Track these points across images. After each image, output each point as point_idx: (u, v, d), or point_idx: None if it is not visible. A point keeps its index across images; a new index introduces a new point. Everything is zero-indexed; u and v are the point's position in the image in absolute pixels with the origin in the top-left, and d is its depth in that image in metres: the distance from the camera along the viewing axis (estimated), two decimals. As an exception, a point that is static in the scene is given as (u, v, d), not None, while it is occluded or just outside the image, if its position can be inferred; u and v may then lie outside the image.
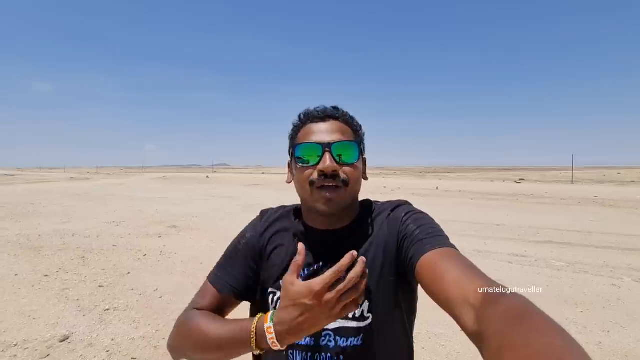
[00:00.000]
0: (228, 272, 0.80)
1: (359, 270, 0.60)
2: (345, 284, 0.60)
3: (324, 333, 0.72)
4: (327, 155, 0.71)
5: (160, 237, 6.71)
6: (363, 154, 0.80)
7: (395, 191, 17.55)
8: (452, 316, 0.53)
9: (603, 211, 10.38)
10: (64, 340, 2.79)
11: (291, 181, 0.81)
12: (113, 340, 2.82)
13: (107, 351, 2.66)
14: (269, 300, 0.77)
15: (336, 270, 0.61)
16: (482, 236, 6.84)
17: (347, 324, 0.71)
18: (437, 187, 21.07)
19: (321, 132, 0.74)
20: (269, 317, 0.63)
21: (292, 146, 0.78)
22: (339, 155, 0.72)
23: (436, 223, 0.73)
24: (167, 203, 12.56)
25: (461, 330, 0.51)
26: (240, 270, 0.80)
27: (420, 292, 0.78)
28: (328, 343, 0.71)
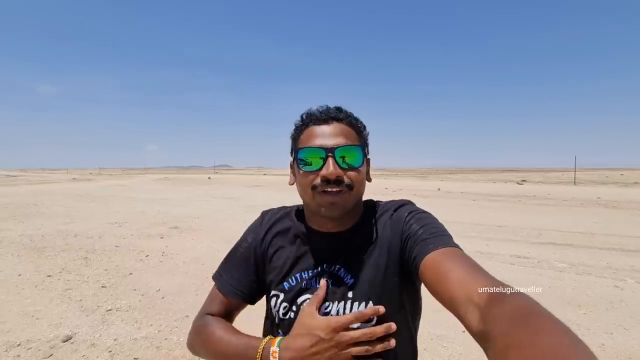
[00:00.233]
0: (233, 276, 0.81)
1: (380, 330, 0.64)
2: (363, 332, 0.63)
3: None
4: (331, 160, 0.69)
5: (162, 238, 6.72)
6: (367, 156, 0.79)
7: (397, 192, 17.52)
8: (457, 316, 0.53)
9: (606, 212, 10.32)
10: (67, 340, 2.80)
11: (294, 183, 0.80)
12: (115, 340, 2.83)
13: (110, 351, 2.66)
14: (272, 303, 0.76)
15: (358, 315, 0.64)
16: (484, 237, 6.82)
17: (352, 326, 0.72)
18: (439, 188, 21.02)
19: (324, 136, 0.72)
20: (277, 342, 0.66)
21: (295, 148, 0.77)
22: (343, 158, 0.71)
23: (439, 222, 0.73)
24: (169, 204, 12.58)
25: (464, 330, 0.51)
26: (244, 274, 0.81)
27: (422, 294, 0.79)
28: None
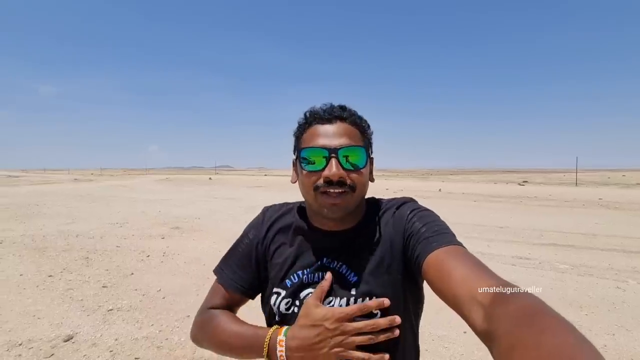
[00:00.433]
0: (234, 271, 0.81)
1: (384, 322, 0.64)
2: (367, 323, 0.64)
3: None
4: (334, 161, 0.69)
5: (163, 238, 6.73)
6: (370, 155, 0.78)
7: (398, 193, 17.50)
8: (460, 314, 0.52)
9: (608, 214, 10.29)
10: (68, 340, 2.81)
11: (296, 181, 0.80)
12: (116, 340, 2.83)
13: (111, 351, 2.67)
14: (272, 301, 0.76)
15: (362, 307, 0.65)
16: (486, 238, 6.80)
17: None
18: (440, 189, 21.00)
19: (327, 135, 0.72)
20: (283, 331, 0.67)
21: (298, 147, 0.76)
22: (346, 157, 0.70)
23: (442, 220, 0.72)
24: (170, 204, 12.59)
25: (466, 331, 0.51)
26: (245, 269, 0.81)
27: (425, 294, 0.78)
28: None
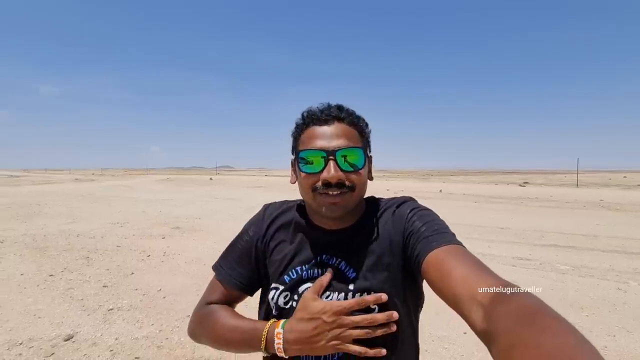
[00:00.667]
0: (233, 268, 0.82)
1: (381, 317, 0.64)
2: (364, 317, 0.64)
3: None
4: (332, 163, 0.69)
5: (164, 238, 6.74)
6: (369, 154, 0.78)
7: (398, 194, 17.44)
8: (460, 314, 0.52)
9: (609, 215, 10.27)
10: (69, 339, 2.81)
11: (295, 182, 0.80)
12: (117, 339, 2.83)
13: (111, 350, 2.67)
14: (270, 296, 0.76)
15: (359, 301, 0.65)
16: (486, 239, 6.79)
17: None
18: (441, 190, 20.97)
19: (325, 137, 0.71)
20: (281, 324, 0.67)
21: (296, 148, 0.77)
22: (344, 158, 0.70)
23: (442, 219, 0.73)
24: (171, 204, 12.61)
25: (466, 332, 0.51)
26: (244, 266, 0.81)
27: (425, 293, 0.78)
28: None
